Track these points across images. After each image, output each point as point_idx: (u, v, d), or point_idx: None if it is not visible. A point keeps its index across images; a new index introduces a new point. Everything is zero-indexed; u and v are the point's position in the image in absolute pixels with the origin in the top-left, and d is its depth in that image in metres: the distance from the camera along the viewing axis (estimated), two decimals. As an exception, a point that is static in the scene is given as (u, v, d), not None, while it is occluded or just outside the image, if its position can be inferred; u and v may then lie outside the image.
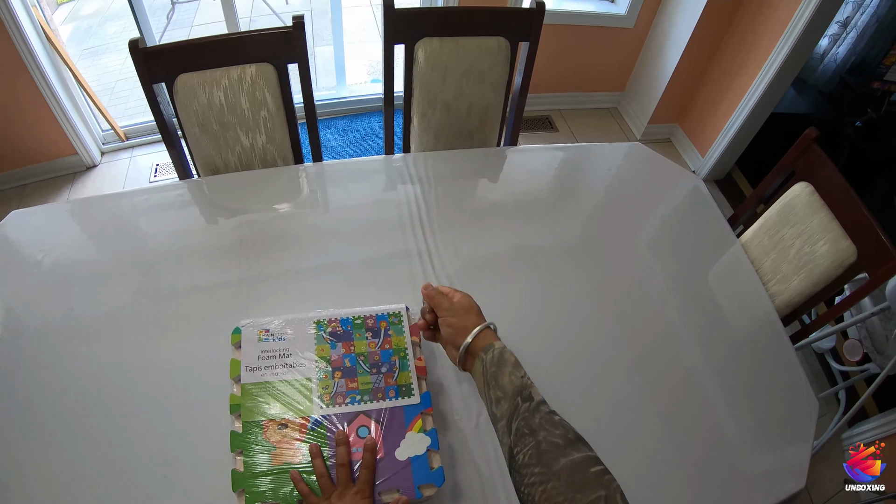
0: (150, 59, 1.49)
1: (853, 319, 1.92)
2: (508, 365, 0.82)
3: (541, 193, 1.65)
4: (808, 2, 2.41)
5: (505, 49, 1.74)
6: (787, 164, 1.57)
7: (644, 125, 3.41)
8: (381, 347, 1.11)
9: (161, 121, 1.60)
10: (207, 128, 1.60)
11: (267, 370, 1.06)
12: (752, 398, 1.20)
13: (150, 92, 1.54)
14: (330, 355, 1.09)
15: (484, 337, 0.88)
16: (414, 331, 1.14)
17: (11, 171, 2.92)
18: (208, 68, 1.53)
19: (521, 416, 0.75)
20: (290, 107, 1.67)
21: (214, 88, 1.54)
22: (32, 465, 0.99)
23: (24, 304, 1.26)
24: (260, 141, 1.66)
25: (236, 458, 0.97)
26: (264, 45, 1.55)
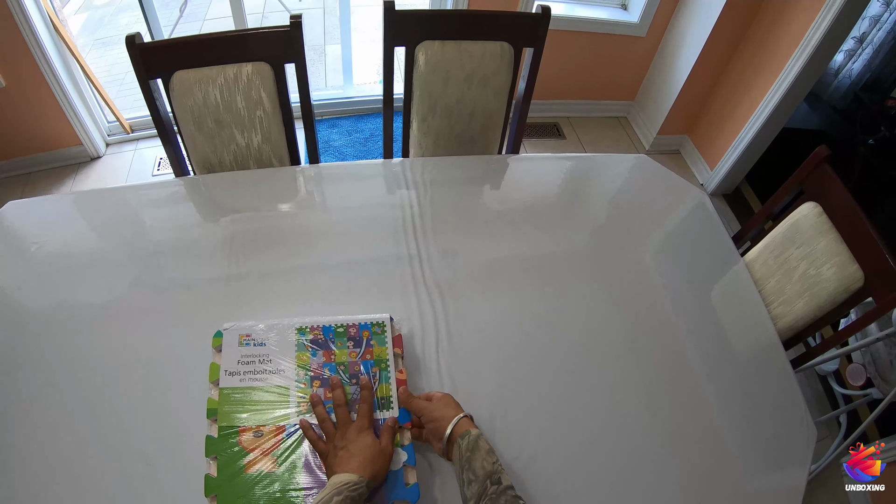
0: (147, 55, 1.48)
1: (858, 344, 1.88)
2: (482, 451, 0.90)
3: (541, 203, 1.62)
4: (825, 16, 2.36)
5: (509, 54, 1.71)
6: (796, 181, 1.53)
7: (653, 135, 3.37)
8: (361, 357, 1.09)
9: (157, 117, 1.59)
10: (203, 126, 1.58)
11: (246, 375, 1.05)
12: (750, 420, 1.17)
13: (146, 88, 1.53)
14: (310, 363, 1.08)
15: (462, 425, 0.95)
16: (397, 342, 1.12)
17: (16, 158, 2.94)
18: (205, 66, 1.52)
19: (488, 497, 0.84)
20: (286, 107, 1.65)
21: (210, 86, 1.53)
22: (13, 455, 0.99)
23: (13, 296, 1.25)
24: (255, 140, 1.64)
25: (210, 463, 0.96)
26: (262, 44, 1.53)
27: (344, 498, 0.84)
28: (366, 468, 0.91)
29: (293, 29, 1.51)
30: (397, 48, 1.66)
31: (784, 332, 1.43)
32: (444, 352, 1.19)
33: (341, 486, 0.86)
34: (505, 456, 1.04)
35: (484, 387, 1.15)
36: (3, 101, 2.67)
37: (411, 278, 1.33)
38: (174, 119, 1.62)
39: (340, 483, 0.86)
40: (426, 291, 1.30)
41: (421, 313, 1.26)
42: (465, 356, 1.19)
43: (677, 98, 3.14)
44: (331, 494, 0.84)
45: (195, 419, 1.02)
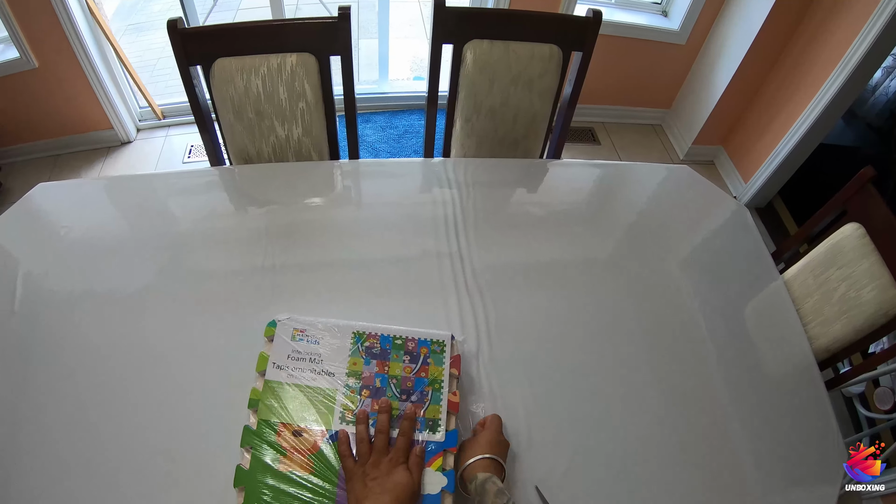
0: (189, 40, 1.46)
1: (887, 368, 1.84)
2: (490, 494, 0.88)
3: (579, 209, 1.60)
4: (868, 31, 2.31)
5: (557, 57, 1.67)
6: (839, 202, 1.49)
7: (688, 145, 3.33)
8: (416, 374, 1.05)
9: (196, 104, 1.57)
10: (242, 115, 1.56)
11: (294, 371, 1.03)
12: (780, 440, 1.14)
13: (185, 74, 1.51)
14: (362, 371, 1.04)
15: (474, 468, 0.93)
16: (455, 363, 1.07)
17: (46, 140, 2.96)
18: (247, 54, 1.49)
19: None
20: (329, 100, 1.62)
21: (252, 75, 1.50)
22: (38, 439, 0.99)
23: (42, 278, 1.25)
24: (296, 133, 1.61)
25: (245, 454, 0.94)
26: (307, 35, 1.51)
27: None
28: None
29: (341, 20, 1.48)
30: (444, 45, 1.63)
31: (819, 353, 1.39)
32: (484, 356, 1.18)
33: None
34: (539, 470, 1.03)
35: (519, 396, 1.13)
36: (35, 82, 2.69)
37: (452, 279, 1.31)
38: (213, 107, 1.60)
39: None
40: (467, 293, 1.28)
41: (461, 314, 1.24)
42: (503, 364, 1.17)
43: (714, 108, 3.09)
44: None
45: (232, 407, 1.02)
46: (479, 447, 0.96)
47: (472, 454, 0.94)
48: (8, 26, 2.45)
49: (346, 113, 1.67)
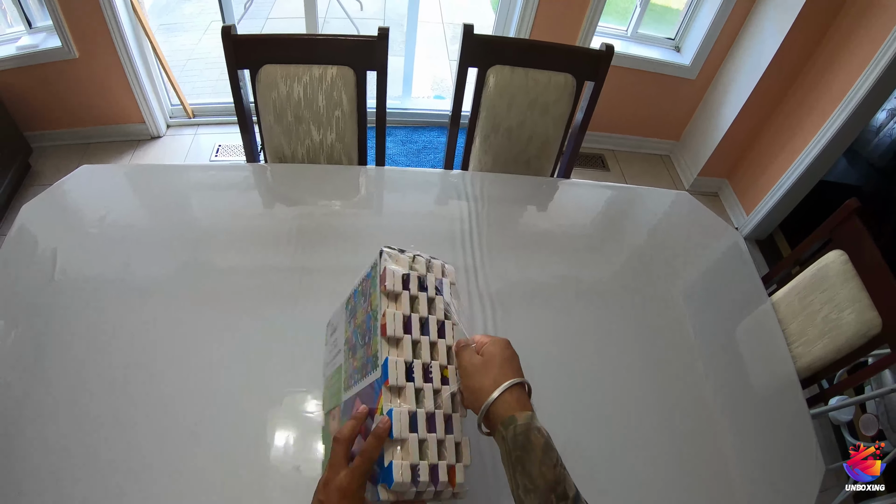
0: (240, 46, 1.59)
1: (873, 393, 1.92)
2: (537, 450, 0.69)
3: (586, 228, 1.69)
4: (869, 74, 2.43)
5: (571, 86, 1.80)
6: (826, 231, 1.60)
7: (694, 176, 3.44)
8: (366, 312, 0.86)
9: (239, 104, 1.70)
10: (282, 118, 1.69)
11: (332, 360, 1.03)
12: (762, 453, 1.22)
13: (234, 76, 1.64)
14: (348, 334, 0.93)
15: (503, 404, 0.73)
16: (382, 278, 0.82)
17: (79, 128, 3.07)
18: (293, 63, 1.62)
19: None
20: (363, 111, 1.75)
21: (295, 83, 1.63)
22: (63, 406, 1.06)
23: (83, 254, 1.34)
24: (329, 138, 1.74)
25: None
26: (349, 50, 1.64)
27: None
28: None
29: (380, 39, 1.62)
30: (470, 68, 1.76)
31: (802, 371, 1.48)
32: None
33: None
34: None
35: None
36: (73, 72, 2.80)
37: (466, 288, 1.39)
38: (254, 109, 1.72)
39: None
40: (480, 305, 1.36)
41: (471, 322, 1.31)
42: None
43: (720, 142, 3.21)
44: None
45: (250, 398, 1.10)
46: (488, 375, 0.75)
47: (482, 386, 0.74)
48: (53, 16, 2.56)
49: (376, 124, 1.80)
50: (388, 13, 4.97)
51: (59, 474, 0.97)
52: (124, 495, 0.96)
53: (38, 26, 2.80)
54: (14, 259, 1.30)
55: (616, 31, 3.28)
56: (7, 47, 2.70)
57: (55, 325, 1.18)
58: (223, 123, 3.31)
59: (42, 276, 1.27)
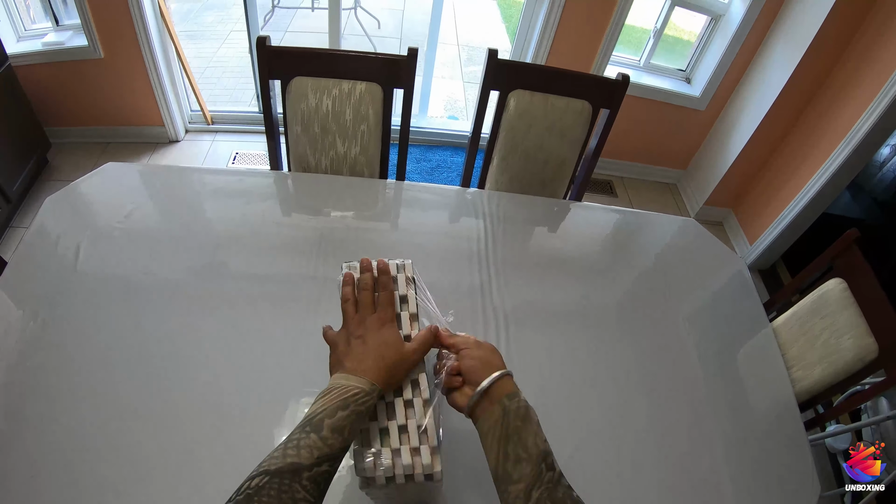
0: (273, 57, 1.66)
1: (869, 421, 1.95)
2: (533, 424, 0.76)
3: (595, 250, 1.74)
4: (873, 110, 2.49)
5: (587, 112, 1.86)
6: (826, 259, 1.64)
7: (699, 205, 3.50)
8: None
9: (268, 113, 1.75)
10: (309, 129, 1.75)
11: None
12: (758, 475, 1.24)
13: (265, 85, 1.70)
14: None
15: (506, 384, 0.80)
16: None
17: (98, 127, 3.14)
18: (324, 77, 1.69)
19: (544, 486, 0.70)
20: (387, 126, 1.81)
21: (324, 95, 1.69)
22: (80, 395, 1.09)
23: (106, 249, 1.37)
24: (353, 151, 1.80)
25: None
26: (379, 68, 1.70)
27: (350, 413, 0.72)
28: (380, 373, 0.78)
29: (409, 59, 1.68)
30: (492, 91, 1.82)
31: (801, 394, 1.52)
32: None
33: (348, 395, 0.73)
34: None
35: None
36: (97, 71, 2.87)
37: (481, 306, 1.41)
38: (283, 118, 1.78)
39: (347, 392, 0.74)
40: (493, 319, 1.39)
41: (485, 337, 1.32)
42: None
43: (727, 173, 3.27)
44: (335, 405, 0.72)
45: (258, 414, 1.12)
46: (495, 356, 0.84)
47: (489, 361, 0.82)
48: (82, 15, 2.63)
49: (400, 140, 1.86)
50: (405, 32, 5.06)
51: (73, 461, 1.00)
52: (140, 481, 0.99)
53: (65, 24, 2.87)
54: (36, 250, 1.34)
55: (629, 60, 3.35)
56: (33, 43, 2.77)
57: (75, 316, 1.21)
58: (241, 132, 3.37)
59: (64, 269, 1.30)
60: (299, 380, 1.18)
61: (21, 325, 1.17)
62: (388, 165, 1.90)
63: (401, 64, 1.70)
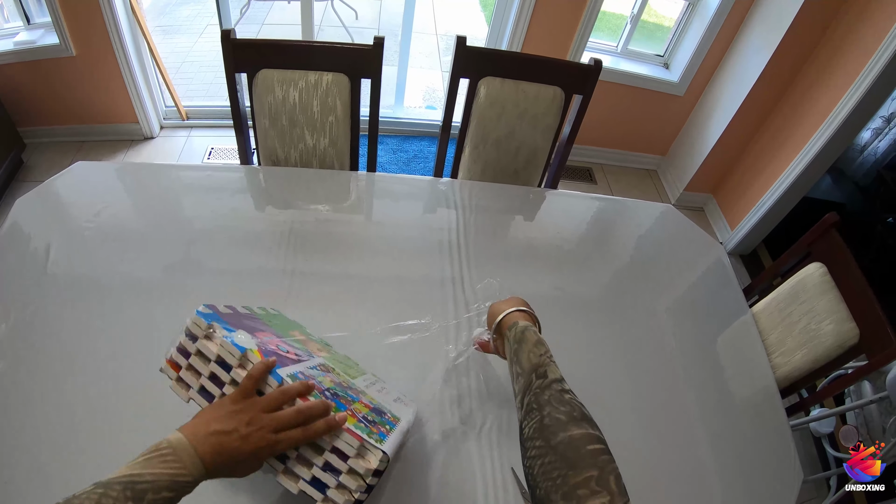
0: (239, 50, 1.63)
1: (852, 405, 1.95)
2: (529, 343, 0.86)
3: (571, 240, 1.73)
4: (853, 93, 2.49)
5: (560, 98, 1.84)
6: (805, 244, 1.64)
7: (680, 191, 3.50)
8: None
9: (236, 107, 1.73)
10: (277, 122, 1.73)
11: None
12: (740, 461, 1.24)
13: (231, 79, 1.67)
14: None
15: (512, 317, 0.94)
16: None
17: (73, 125, 3.09)
18: (290, 68, 1.66)
19: (532, 392, 0.77)
20: (356, 118, 1.79)
21: (291, 87, 1.67)
22: (51, 397, 1.07)
23: (76, 249, 1.36)
24: (322, 143, 1.78)
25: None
26: (345, 58, 1.68)
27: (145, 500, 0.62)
28: (213, 457, 0.68)
29: (375, 48, 1.66)
30: (462, 79, 1.80)
31: (781, 381, 1.52)
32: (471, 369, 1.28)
33: (141, 477, 0.63)
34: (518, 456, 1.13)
35: (507, 396, 1.23)
36: (70, 69, 2.82)
37: (453, 299, 1.41)
38: (251, 112, 1.76)
39: (168, 470, 0.64)
40: (466, 311, 1.38)
41: (457, 332, 1.33)
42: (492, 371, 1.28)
43: (706, 158, 3.27)
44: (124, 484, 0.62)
45: None
46: (507, 303, 0.99)
47: (499, 308, 0.98)
48: (52, 13, 2.58)
49: (369, 130, 1.84)
50: (383, 23, 5.02)
51: (46, 463, 0.98)
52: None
53: (36, 23, 2.82)
54: (7, 252, 1.32)
55: (606, 46, 3.34)
56: (4, 42, 2.72)
57: (45, 317, 1.20)
58: (216, 126, 3.34)
59: (34, 270, 1.28)
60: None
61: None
62: (358, 157, 1.89)
63: (367, 54, 1.68)
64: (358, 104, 1.77)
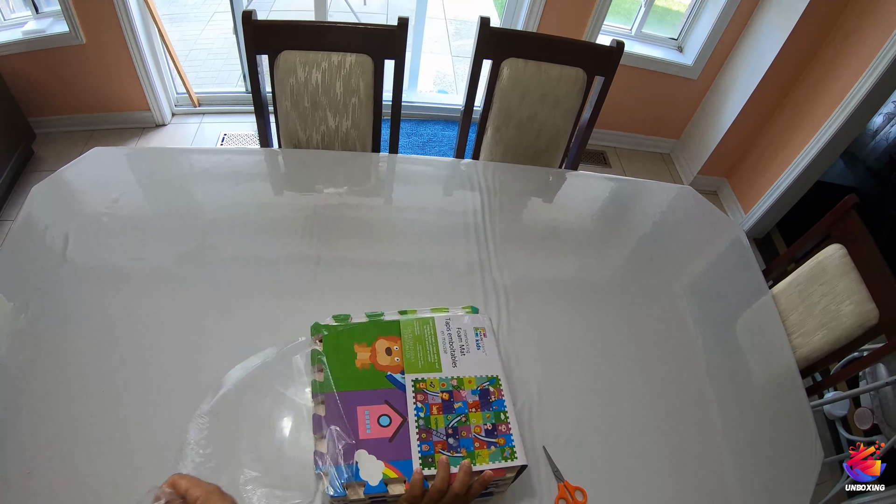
0: (260, 32, 1.62)
1: (868, 386, 1.95)
2: None
3: (593, 221, 1.72)
4: (867, 78, 2.48)
5: (582, 80, 1.83)
6: (824, 227, 1.63)
7: (693, 175, 3.48)
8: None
9: (256, 89, 1.71)
10: (299, 104, 1.71)
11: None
12: (760, 442, 1.24)
13: (252, 61, 1.65)
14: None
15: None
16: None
17: (84, 114, 3.07)
18: (312, 50, 1.65)
19: None
20: (378, 99, 1.77)
21: (314, 69, 1.65)
22: (72, 385, 1.07)
23: (94, 237, 1.35)
24: (345, 125, 1.77)
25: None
26: (368, 39, 1.67)
27: None
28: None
29: (399, 29, 1.65)
30: (485, 61, 1.79)
31: (800, 361, 1.51)
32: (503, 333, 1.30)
33: None
34: (549, 434, 1.15)
35: (532, 376, 1.25)
36: (80, 57, 2.80)
37: (481, 283, 1.41)
38: (272, 94, 1.74)
39: None
40: (494, 293, 1.39)
41: (486, 311, 1.34)
42: (519, 339, 1.29)
43: (720, 142, 3.26)
44: None
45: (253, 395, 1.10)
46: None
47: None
48: (62, 1, 2.55)
49: (392, 111, 1.83)
50: (391, 9, 4.99)
51: (69, 451, 0.98)
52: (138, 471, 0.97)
53: (44, 11, 2.80)
54: (24, 241, 1.31)
55: (620, 29, 3.31)
56: (13, 32, 2.70)
57: (66, 306, 1.19)
58: (228, 112, 3.32)
59: (53, 259, 1.27)
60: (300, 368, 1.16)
61: (11, 318, 1.15)
62: (380, 139, 1.87)
63: (391, 34, 1.66)
64: (381, 85, 1.75)
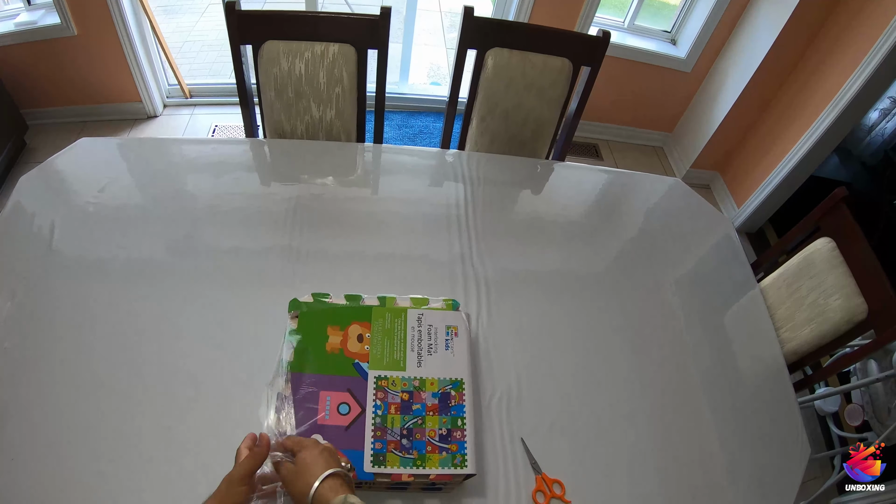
0: (243, 22, 1.61)
1: (858, 383, 1.94)
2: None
3: (579, 213, 1.72)
4: (861, 73, 2.47)
5: (567, 70, 1.82)
6: (813, 219, 1.63)
7: (686, 168, 3.47)
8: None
9: (241, 80, 1.71)
10: (283, 94, 1.71)
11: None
12: (748, 436, 1.24)
13: (236, 51, 1.65)
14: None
15: (323, 494, 0.74)
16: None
17: (76, 106, 3.06)
18: (295, 39, 1.64)
19: None
20: (362, 89, 1.77)
21: (297, 59, 1.65)
22: (58, 374, 1.08)
23: (81, 227, 1.36)
24: (329, 115, 1.76)
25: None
26: (351, 28, 1.66)
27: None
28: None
29: (382, 18, 1.64)
30: (469, 51, 1.78)
31: (789, 355, 1.51)
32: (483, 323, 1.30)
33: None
34: (527, 426, 1.15)
35: (512, 363, 1.25)
36: (72, 49, 2.78)
37: (462, 275, 1.41)
38: (256, 84, 1.74)
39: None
40: (474, 286, 1.39)
41: (466, 303, 1.34)
42: (500, 330, 1.29)
43: (713, 135, 3.25)
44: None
45: (240, 387, 1.10)
46: (307, 475, 0.77)
47: (305, 484, 0.76)
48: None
49: (376, 101, 1.82)
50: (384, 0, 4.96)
51: (53, 439, 0.99)
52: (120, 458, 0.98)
53: (36, 3, 2.78)
54: (11, 229, 1.31)
55: (613, 22, 3.30)
56: (5, 23, 2.69)
57: (51, 295, 1.20)
58: (220, 104, 3.31)
59: (39, 247, 1.28)
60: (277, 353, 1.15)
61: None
62: (364, 129, 1.87)
63: (374, 23, 1.65)
64: (365, 75, 1.75)
